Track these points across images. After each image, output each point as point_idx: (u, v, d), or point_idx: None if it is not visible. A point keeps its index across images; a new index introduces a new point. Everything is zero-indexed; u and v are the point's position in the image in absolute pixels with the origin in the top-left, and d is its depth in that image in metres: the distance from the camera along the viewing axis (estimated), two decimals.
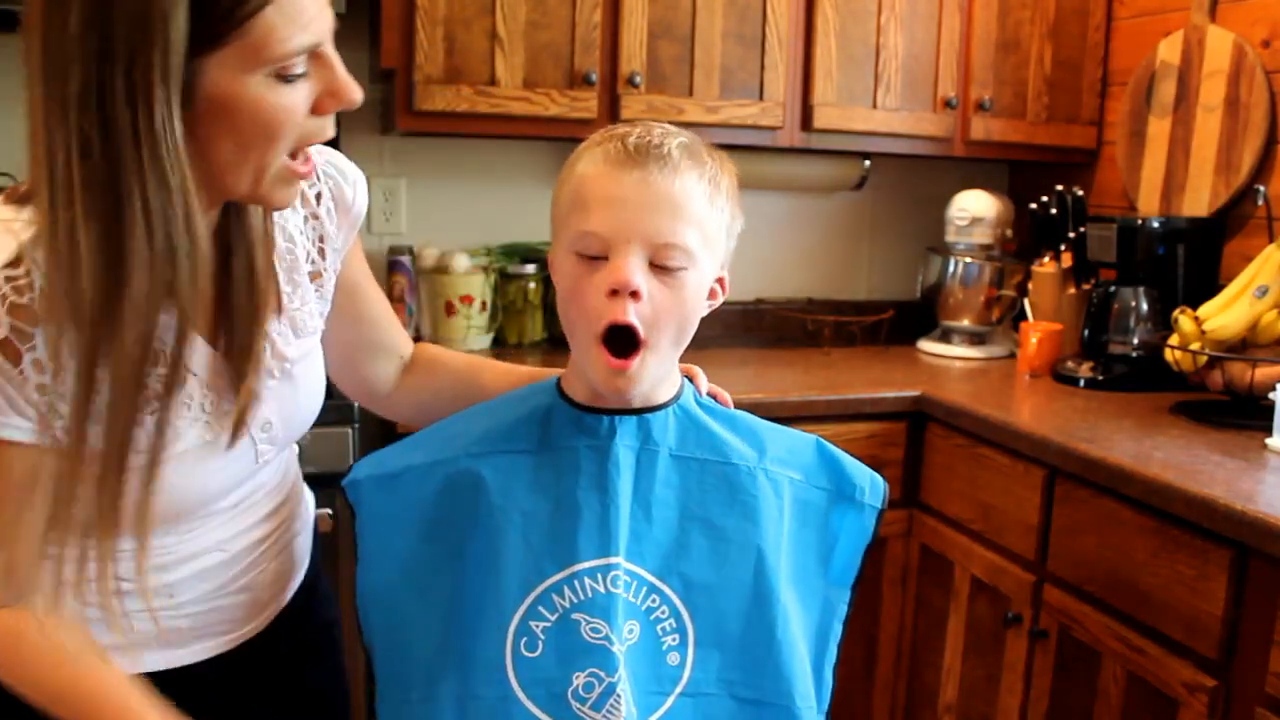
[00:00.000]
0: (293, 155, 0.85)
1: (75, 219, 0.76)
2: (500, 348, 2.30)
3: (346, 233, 1.07)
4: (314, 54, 0.81)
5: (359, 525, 1.01)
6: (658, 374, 0.95)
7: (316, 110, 0.84)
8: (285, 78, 0.80)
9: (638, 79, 2.05)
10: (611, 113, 2.06)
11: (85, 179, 0.75)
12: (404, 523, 0.99)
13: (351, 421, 1.72)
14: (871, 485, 1.03)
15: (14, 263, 0.80)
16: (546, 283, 2.32)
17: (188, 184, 0.78)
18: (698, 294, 0.94)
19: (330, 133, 0.86)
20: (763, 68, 2.15)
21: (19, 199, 0.82)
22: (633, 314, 0.89)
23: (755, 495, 0.98)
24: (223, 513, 0.98)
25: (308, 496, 1.18)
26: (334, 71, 0.83)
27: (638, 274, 0.88)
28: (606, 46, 2.05)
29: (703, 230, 0.91)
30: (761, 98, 2.15)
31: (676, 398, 1.00)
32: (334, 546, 1.69)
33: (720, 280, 0.98)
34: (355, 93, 0.85)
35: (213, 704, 1.02)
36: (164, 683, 0.96)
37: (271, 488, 1.05)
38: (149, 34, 0.73)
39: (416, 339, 2.39)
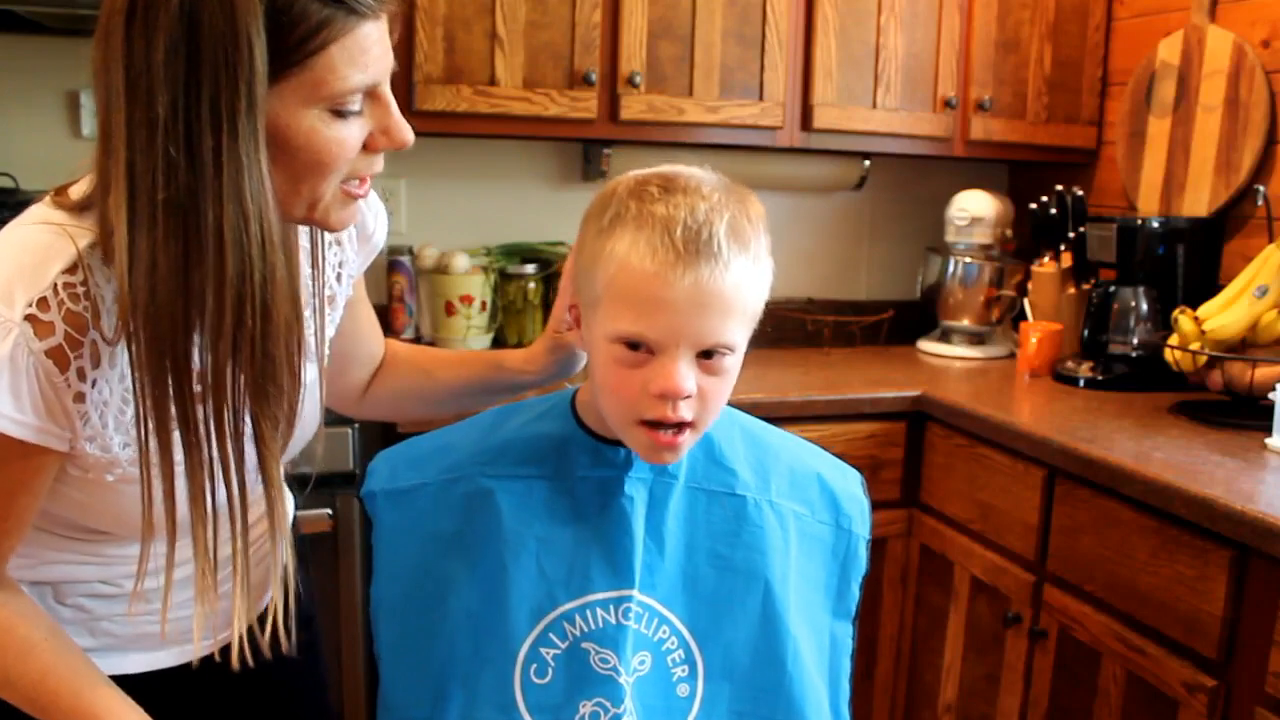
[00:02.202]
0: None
1: (156, 242, 0.77)
2: (500, 348, 2.30)
3: (363, 260, 1.08)
4: (371, 93, 0.83)
5: (375, 537, 1.02)
6: (694, 441, 0.94)
7: (368, 147, 0.85)
8: (340, 113, 0.82)
9: (638, 79, 2.05)
10: (611, 113, 2.06)
11: (167, 202, 0.76)
12: (416, 539, 0.99)
13: (351, 421, 1.72)
14: (860, 514, 1.04)
15: (71, 269, 0.80)
16: (546, 282, 2.31)
17: (269, 211, 0.79)
18: (738, 369, 0.93)
19: (379, 168, 0.88)
20: (763, 68, 2.15)
21: (76, 206, 0.83)
22: (683, 411, 0.88)
23: (762, 527, 0.98)
24: None
25: (288, 503, 1.17)
26: (388, 111, 0.85)
27: (688, 380, 0.87)
28: (606, 46, 2.05)
29: (747, 313, 0.89)
30: (761, 98, 2.15)
31: None
32: (333, 546, 1.69)
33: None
34: (407, 133, 0.86)
35: (189, 706, 1.03)
36: (139, 685, 0.96)
37: (255, 498, 1.05)
38: (235, 63, 0.75)
39: (415, 339, 2.39)
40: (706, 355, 0.88)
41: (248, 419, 0.83)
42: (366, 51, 0.81)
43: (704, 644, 0.95)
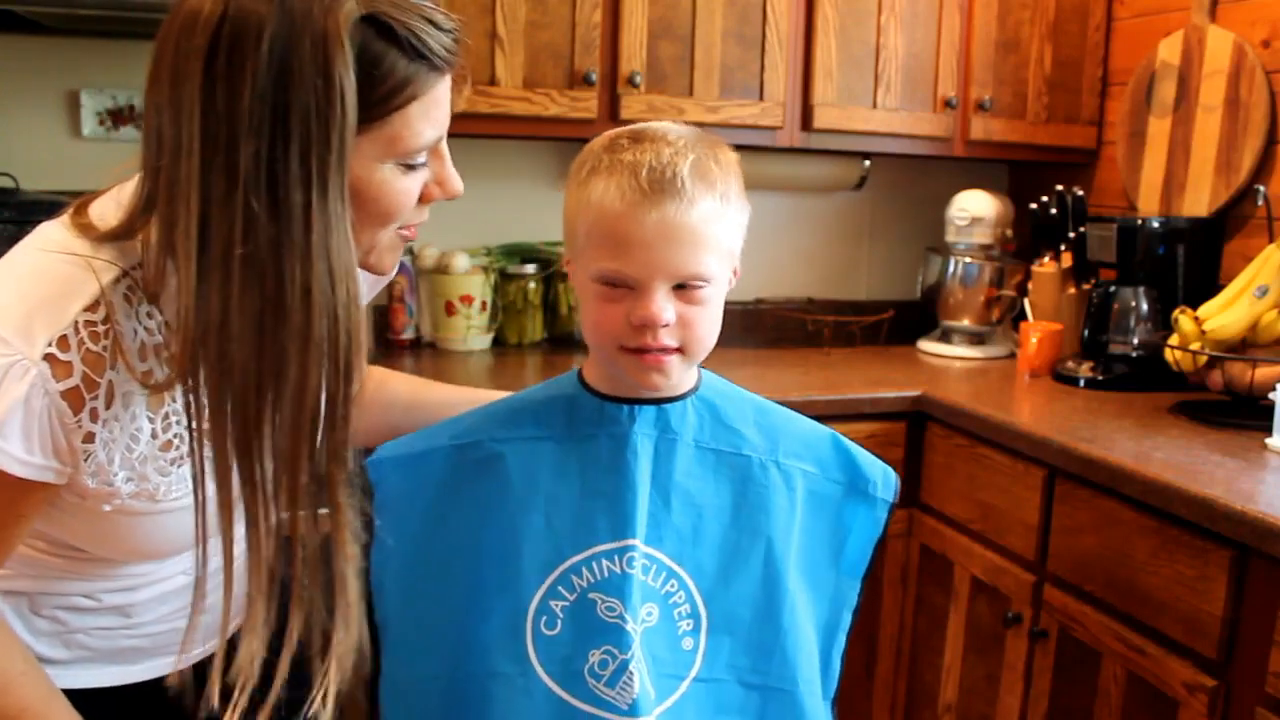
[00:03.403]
0: None
1: (230, 297, 0.74)
2: (500, 348, 2.30)
3: (369, 293, 1.07)
4: (430, 148, 0.85)
5: (376, 503, 1.04)
6: (686, 369, 0.99)
7: (423, 198, 0.87)
8: (410, 166, 0.83)
9: (638, 79, 2.05)
10: (611, 113, 2.06)
11: (246, 258, 0.73)
12: (423, 502, 1.03)
13: None
14: (884, 479, 1.07)
15: (93, 306, 0.78)
16: (547, 282, 2.31)
17: (354, 269, 0.78)
18: (720, 300, 0.97)
19: (426, 218, 0.90)
20: (763, 68, 2.15)
21: (100, 236, 0.80)
22: (664, 338, 0.93)
23: (767, 486, 1.01)
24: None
25: None
26: (444, 164, 0.88)
27: (666, 309, 0.92)
28: (606, 46, 2.05)
29: (719, 248, 0.94)
30: (761, 98, 2.15)
31: (695, 389, 1.04)
32: None
33: (734, 268, 1.01)
34: (459, 185, 0.90)
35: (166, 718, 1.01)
36: (113, 699, 0.96)
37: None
38: (328, 114, 0.73)
39: (416, 339, 2.38)
40: (683, 287, 0.93)
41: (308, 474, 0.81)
42: (440, 107, 0.82)
43: (709, 599, 0.98)
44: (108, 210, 0.82)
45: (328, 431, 0.79)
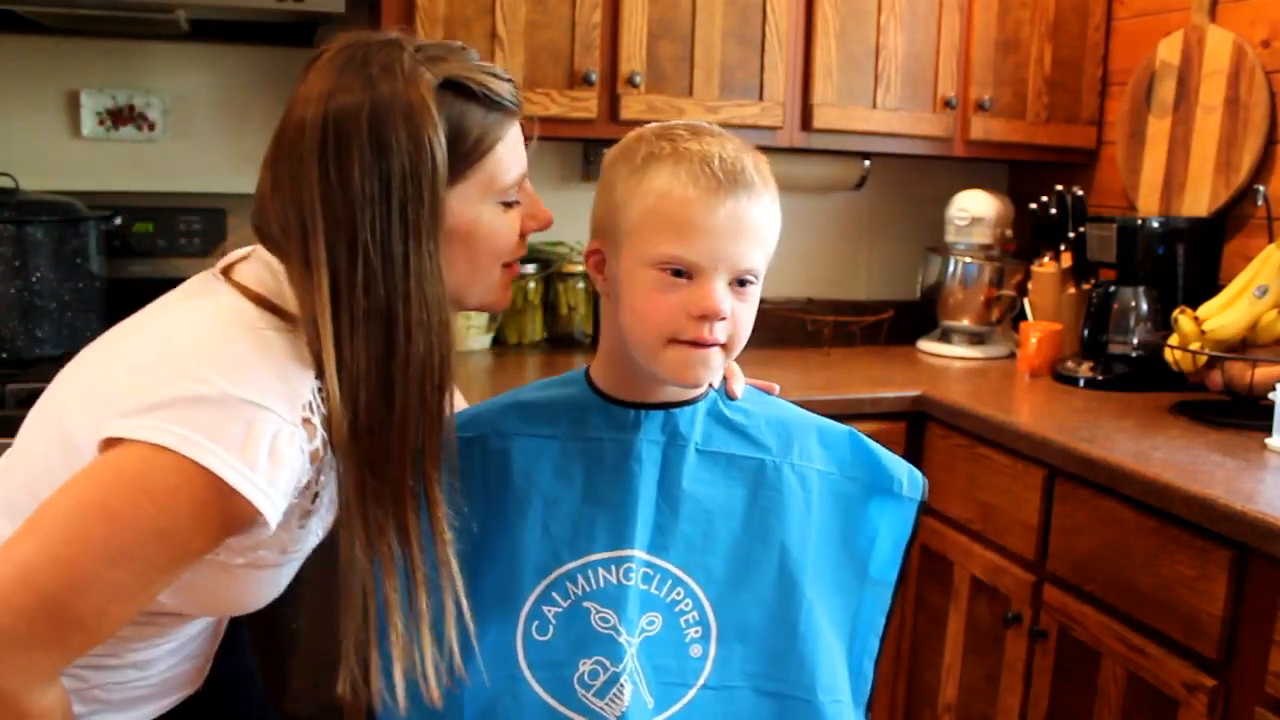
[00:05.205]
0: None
1: (357, 348, 0.85)
2: (500, 348, 2.30)
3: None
4: (519, 184, 0.95)
5: None
6: (725, 365, 0.99)
7: (521, 233, 0.97)
8: (507, 204, 0.94)
9: (638, 79, 2.05)
10: (611, 113, 2.06)
11: (369, 310, 0.84)
12: None
13: None
14: (910, 478, 1.05)
15: (316, 375, 0.87)
16: (547, 283, 2.31)
17: (445, 298, 0.89)
18: (758, 296, 0.99)
19: (525, 251, 1.01)
20: (763, 68, 2.15)
21: (259, 301, 0.89)
22: (720, 333, 0.94)
23: (780, 490, 1.00)
24: None
25: None
26: (534, 198, 0.98)
27: (726, 301, 0.93)
28: (606, 46, 2.05)
29: (769, 245, 0.96)
30: (761, 98, 2.15)
31: (704, 394, 1.02)
32: (333, 551, 1.69)
33: None
34: (549, 214, 1.00)
35: None
36: None
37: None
38: (420, 174, 0.84)
39: None
40: (739, 282, 0.94)
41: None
42: (519, 145, 0.94)
43: (718, 606, 0.97)
44: (263, 276, 0.89)
45: (428, 436, 0.89)
